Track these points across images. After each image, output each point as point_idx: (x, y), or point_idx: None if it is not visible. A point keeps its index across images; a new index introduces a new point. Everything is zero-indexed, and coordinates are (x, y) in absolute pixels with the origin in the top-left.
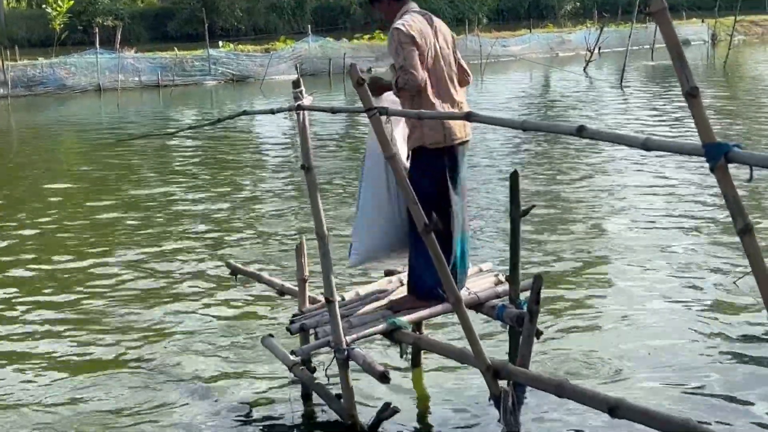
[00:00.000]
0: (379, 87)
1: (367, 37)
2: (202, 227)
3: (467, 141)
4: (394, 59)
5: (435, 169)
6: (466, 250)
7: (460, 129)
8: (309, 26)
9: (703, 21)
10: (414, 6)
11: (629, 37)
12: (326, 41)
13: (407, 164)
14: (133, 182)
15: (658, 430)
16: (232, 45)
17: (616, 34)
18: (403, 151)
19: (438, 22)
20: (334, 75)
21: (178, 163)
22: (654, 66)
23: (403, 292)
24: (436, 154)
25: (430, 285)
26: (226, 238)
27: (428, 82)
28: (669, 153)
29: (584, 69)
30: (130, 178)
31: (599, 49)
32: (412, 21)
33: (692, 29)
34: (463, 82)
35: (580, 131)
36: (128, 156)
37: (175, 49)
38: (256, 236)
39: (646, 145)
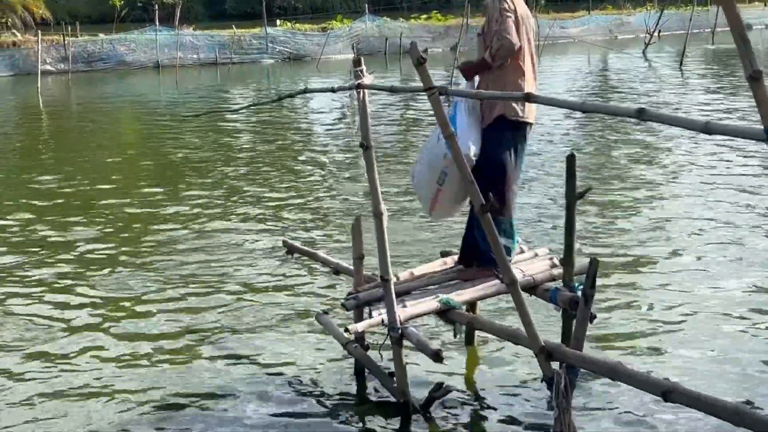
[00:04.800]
0: (472, 68)
1: (424, 17)
2: (258, 205)
3: (532, 124)
4: (491, 24)
5: (509, 142)
6: (515, 229)
7: (531, 110)
8: (366, 5)
9: (766, 5)
10: None
11: (690, 20)
12: (383, 21)
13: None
14: (189, 160)
15: (711, 415)
16: (289, 23)
17: (676, 16)
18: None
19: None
20: (390, 54)
21: (233, 141)
22: (714, 50)
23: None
24: (512, 128)
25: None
26: (283, 215)
27: (521, 52)
28: (731, 137)
29: (643, 52)
30: (186, 155)
31: (659, 31)
32: None
33: (755, 13)
34: None
35: (641, 114)
36: (184, 133)
37: (233, 27)
38: (313, 214)
39: (708, 129)
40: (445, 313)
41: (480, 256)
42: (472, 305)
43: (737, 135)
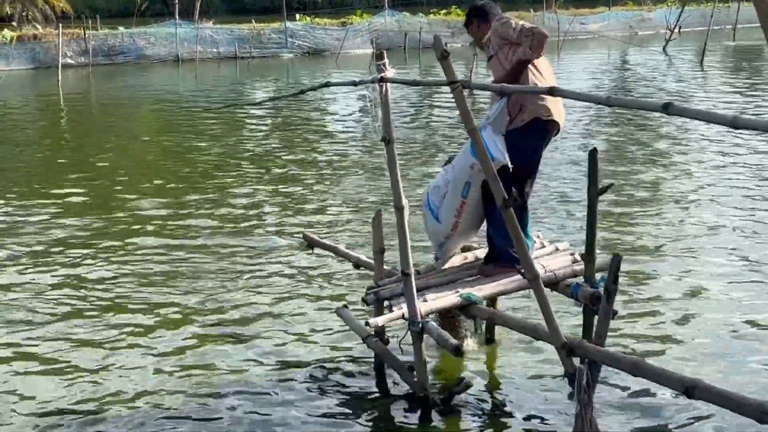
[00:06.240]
0: (505, 79)
1: (443, 12)
2: (278, 198)
3: (560, 128)
4: (512, 34)
5: (538, 145)
6: (529, 227)
7: (561, 113)
8: (386, 0)
9: None
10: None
11: (711, 16)
12: (403, 16)
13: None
14: (209, 153)
15: (735, 412)
16: (308, 18)
17: (697, 13)
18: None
19: None
20: (410, 49)
21: (253, 135)
22: (735, 46)
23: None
24: (544, 129)
25: (507, 251)
26: (303, 209)
27: (538, 66)
28: (755, 132)
29: (664, 48)
30: (206, 148)
31: (680, 28)
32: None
33: None
34: None
35: (667, 108)
36: (205, 126)
37: (253, 21)
38: (334, 208)
39: (735, 123)
40: (466, 308)
41: (500, 253)
42: (492, 301)
43: (765, 129)
